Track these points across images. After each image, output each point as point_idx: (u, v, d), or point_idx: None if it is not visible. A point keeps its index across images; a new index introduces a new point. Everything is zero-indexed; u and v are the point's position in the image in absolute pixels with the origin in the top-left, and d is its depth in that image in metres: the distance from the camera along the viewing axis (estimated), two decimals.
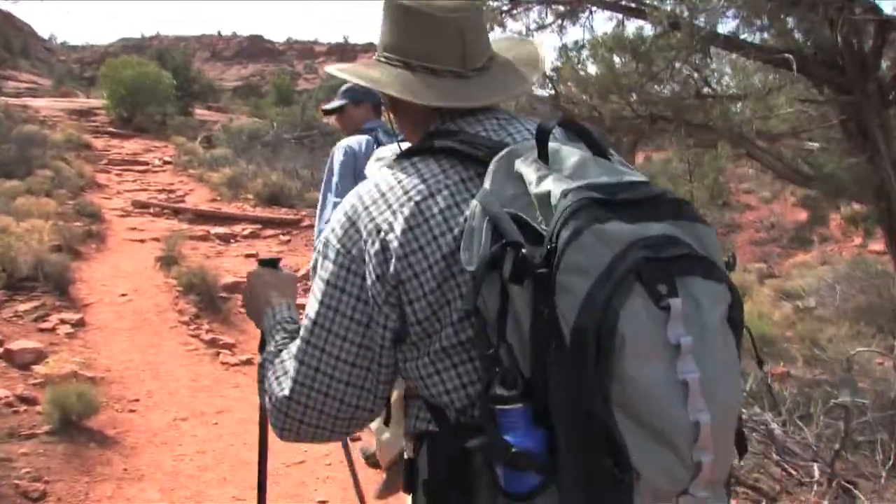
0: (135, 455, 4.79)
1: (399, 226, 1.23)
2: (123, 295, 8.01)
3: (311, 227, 9.96)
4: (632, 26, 7.60)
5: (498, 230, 1.09)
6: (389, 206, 1.26)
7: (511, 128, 1.36)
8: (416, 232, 1.23)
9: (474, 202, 1.16)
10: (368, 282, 1.25)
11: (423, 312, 1.23)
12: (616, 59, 7.06)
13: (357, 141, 3.81)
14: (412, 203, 1.25)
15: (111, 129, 22.61)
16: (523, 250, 1.03)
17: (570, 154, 1.16)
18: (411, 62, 1.37)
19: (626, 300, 0.98)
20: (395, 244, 1.23)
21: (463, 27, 1.35)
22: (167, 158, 18.73)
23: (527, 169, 1.14)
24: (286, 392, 1.29)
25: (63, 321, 6.92)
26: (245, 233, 11.86)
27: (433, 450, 1.29)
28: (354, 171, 3.61)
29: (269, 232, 12.10)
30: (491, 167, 1.20)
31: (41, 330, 6.65)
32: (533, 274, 1.03)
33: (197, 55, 69.71)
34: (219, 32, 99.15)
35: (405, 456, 1.40)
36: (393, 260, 1.22)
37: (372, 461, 4.82)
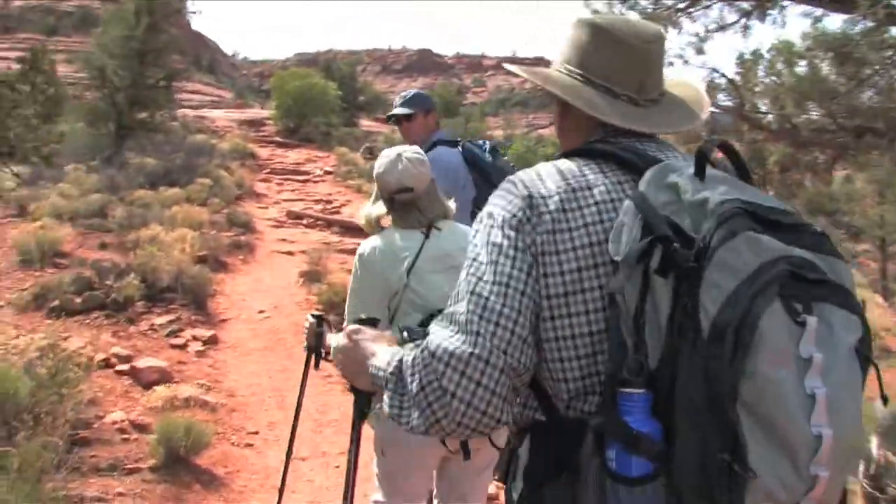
0: (240, 501, 4.28)
1: (553, 204, 1.27)
2: (262, 311, 7.68)
3: None
4: (833, 22, 6.54)
5: (648, 226, 1.11)
6: (546, 187, 1.29)
7: (668, 151, 1.38)
8: (568, 215, 1.26)
9: (628, 201, 1.19)
10: (528, 241, 1.25)
11: (556, 289, 1.23)
12: (815, 61, 5.98)
13: (448, 157, 3.63)
14: (570, 189, 1.28)
15: (277, 138, 23.16)
16: (675, 244, 1.06)
17: (723, 177, 1.19)
18: (593, 79, 1.39)
19: (768, 304, 1.00)
20: (546, 217, 1.26)
21: (649, 58, 1.39)
22: (328, 168, 18.82)
23: (682, 180, 1.16)
24: (469, 348, 1.18)
25: (195, 338, 6.65)
26: None
27: (539, 438, 1.30)
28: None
29: None
30: (646, 175, 1.21)
31: (172, 346, 6.39)
32: (680, 267, 1.05)
33: (368, 69, 71.77)
34: (389, 47, 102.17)
35: (502, 444, 1.43)
36: (541, 230, 1.25)
37: None
